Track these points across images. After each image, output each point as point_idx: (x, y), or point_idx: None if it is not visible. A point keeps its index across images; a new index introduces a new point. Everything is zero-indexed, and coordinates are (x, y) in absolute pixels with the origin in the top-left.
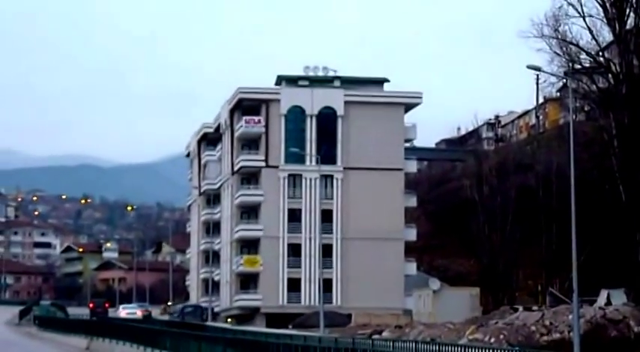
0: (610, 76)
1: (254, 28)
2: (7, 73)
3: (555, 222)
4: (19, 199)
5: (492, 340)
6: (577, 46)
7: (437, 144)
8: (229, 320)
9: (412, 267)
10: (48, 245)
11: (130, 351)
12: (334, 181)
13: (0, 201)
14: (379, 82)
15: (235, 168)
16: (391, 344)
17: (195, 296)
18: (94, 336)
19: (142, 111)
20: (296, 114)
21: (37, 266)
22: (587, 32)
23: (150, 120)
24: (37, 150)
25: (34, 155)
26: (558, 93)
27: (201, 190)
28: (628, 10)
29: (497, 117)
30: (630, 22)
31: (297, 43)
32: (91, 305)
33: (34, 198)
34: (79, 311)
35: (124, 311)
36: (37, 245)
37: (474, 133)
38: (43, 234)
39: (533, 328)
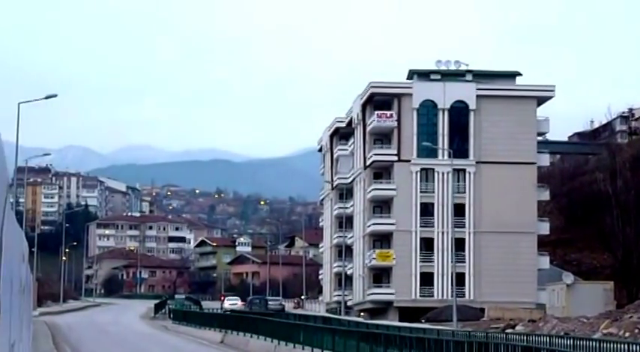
0: None
1: (386, 23)
2: (145, 71)
3: None
4: (154, 194)
5: (627, 334)
6: None
7: (569, 137)
8: (362, 314)
9: (545, 261)
10: (182, 239)
11: (264, 345)
12: (466, 175)
13: (135, 196)
14: (511, 76)
15: (368, 163)
16: (525, 338)
17: (328, 290)
18: (228, 330)
19: (275, 106)
20: (428, 109)
21: (171, 260)
22: None
23: (282, 115)
24: (171, 146)
25: (168, 150)
26: None
27: (334, 184)
28: None
29: (630, 110)
30: None
31: (429, 37)
32: (222, 298)
33: (169, 193)
34: (213, 305)
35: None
36: (172, 239)
37: (607, 126)
38: (177, 229)
39: None
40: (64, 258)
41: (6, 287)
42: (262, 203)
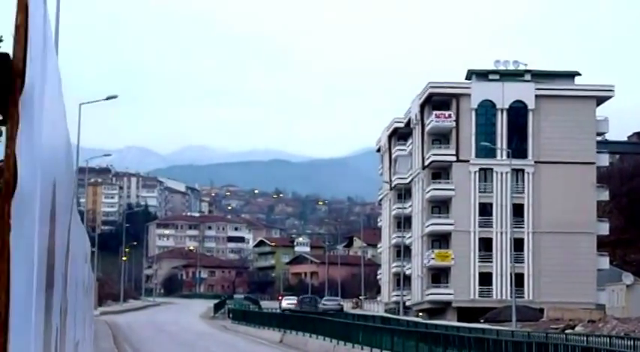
0: None
1: (445, 24)
2: (204, 72)
3: None
4: (213, 194)
5: None
6: None
7: (629, 137)
8: (420, 314)
9: (605, 261)
10: (241, 239)
11: (322, 345)
12: (525, 175)
13: (194, 196)
14: (570, 76)
15: (426, 163)
16: (585, 338)
17: (386, 290)
18: (287, 329)
19: (334, 106)
20: (486, 109)
21: (230, 260)
22: None
23: (341, 115)
24: (230, 146)
25: (228, 151)
26: None
27: (392, 185)
28: None
29: None
30: None
31: (488, 37)
32: (280, 298)
33: (228, 193)
34: (271, 305)
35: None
36: (231, 239)
37: None
38: (236, 229)
39: None
40: (124, 258)
41: (72, 288)
42: (321, 203)
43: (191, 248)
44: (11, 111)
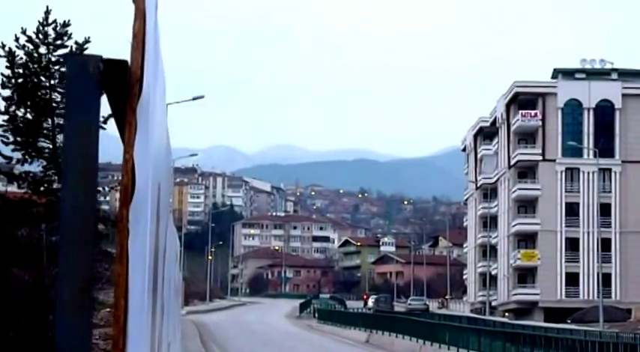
0: None
1: (530, 22)
2: (289, 72)
3: None
4: (298, 193)
5: None
6: None
7: None
8: (506, 314)
9: None
10: (326, 239)
11: (409, 345)
12: (612, 175)
13: (280, 196)
14: None
15: (512, 162)
16: None
17: (472, 290)
18: (373, 329)
19: (418, 106)
20: (573, 108)
21: (315, 259)
22: None
23: (426, 115)
24: (316, 146)
25: (313, 150)
26: None
27: (478, 184)
28: None
29: None
30: None
31: (574, 35)
32: (365, 298)
33: (313, 193)
34: (357, 305)
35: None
36: (316, 239)
37: None
38: (321, 228)
39: None
40: (210, 258)
41: (166, 288)
42: (406, 203)
43: (276, 247)
44: (129, 117)
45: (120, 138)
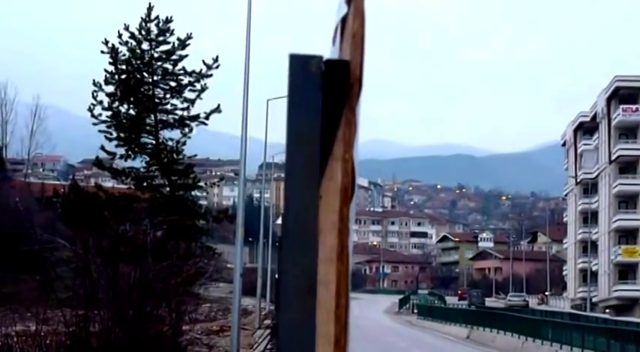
0: None
1: (628, 16)
2: (387, 67)
3: None
4: (396, 189)
5: None
6: None
7: None
8: (607, 310)
9: None
10: (424, 234)
11: (510, 341)
12: None
13: (377, 191)
14: None
15: (613, 157)
16: None
17: (572, 286)
18: (474, 325)
19: (515, 101)
20: None
21: (413, 255)
22: None
23: (525, 109)
24: (412, 141)
25: (409, 145)
26: None
27: (578, 179)
28: None
29: None
30: None
31: None
32: (460, 293)
33: (410, 188)
34: (455, 301)
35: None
36: (414, 234)
37: None
38: (419, 224)
39: None
40: None
41: None
42: (504, 198)
43: (374, 243)
44: (348, 116)
45: (324, 138)
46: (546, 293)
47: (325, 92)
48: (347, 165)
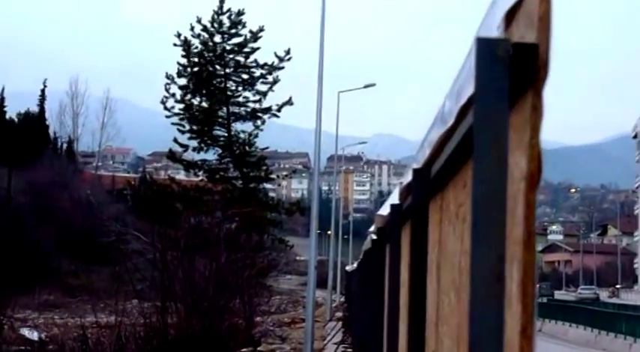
0: None
1: None
2: (452, 61)
3: None
4: None
5: None
6: None
7: None
8: None
9: None
10: None
11: (583, 334)
12: None
13: None
14: None
15: None
16: None
17: None
18: (546, 318)
19: (585, 92)
20: None
21: None
22: None
23: (594, 101)
24: None
25: None
26: None
27: None
28: None
29: None
30: None
31: None
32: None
33: None
34: None
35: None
36: None
37: None
38: None
39: None
40: None
41: None
42: (573, 190)
43: None
44: (534, 101)
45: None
46: (617, 286)
47: (512, 76)
48: (533, 151)
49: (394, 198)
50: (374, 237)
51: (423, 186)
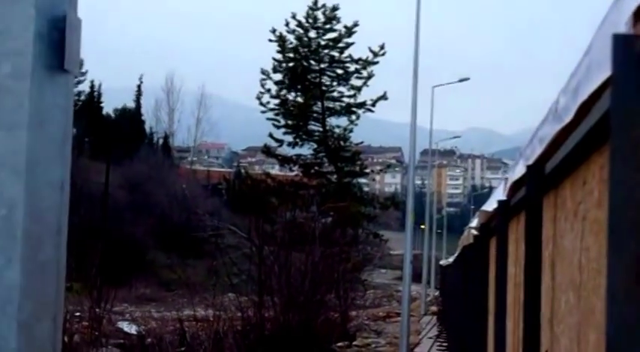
0: None
1: None
2: (546, 54)
3: None
4: None
5: None
6: None
7: None
8: None
9: None
10: None
11: None
12: None
13: None
14: None
15: None
16: None
17: None
18: None
19: None
20: None
21: None
22: None
23: None
24: None
25: None
26: None
27: None
28: None
29: None
30: None
31: None
32: None
33: None
34: None
35: None
36: None
37: None
38: None
39: None
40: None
41: None
42: None
43: None
44: None
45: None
46: None
47: None
48: None
49: (499, 194)
50: (475, 232)
51: (537, 183)
